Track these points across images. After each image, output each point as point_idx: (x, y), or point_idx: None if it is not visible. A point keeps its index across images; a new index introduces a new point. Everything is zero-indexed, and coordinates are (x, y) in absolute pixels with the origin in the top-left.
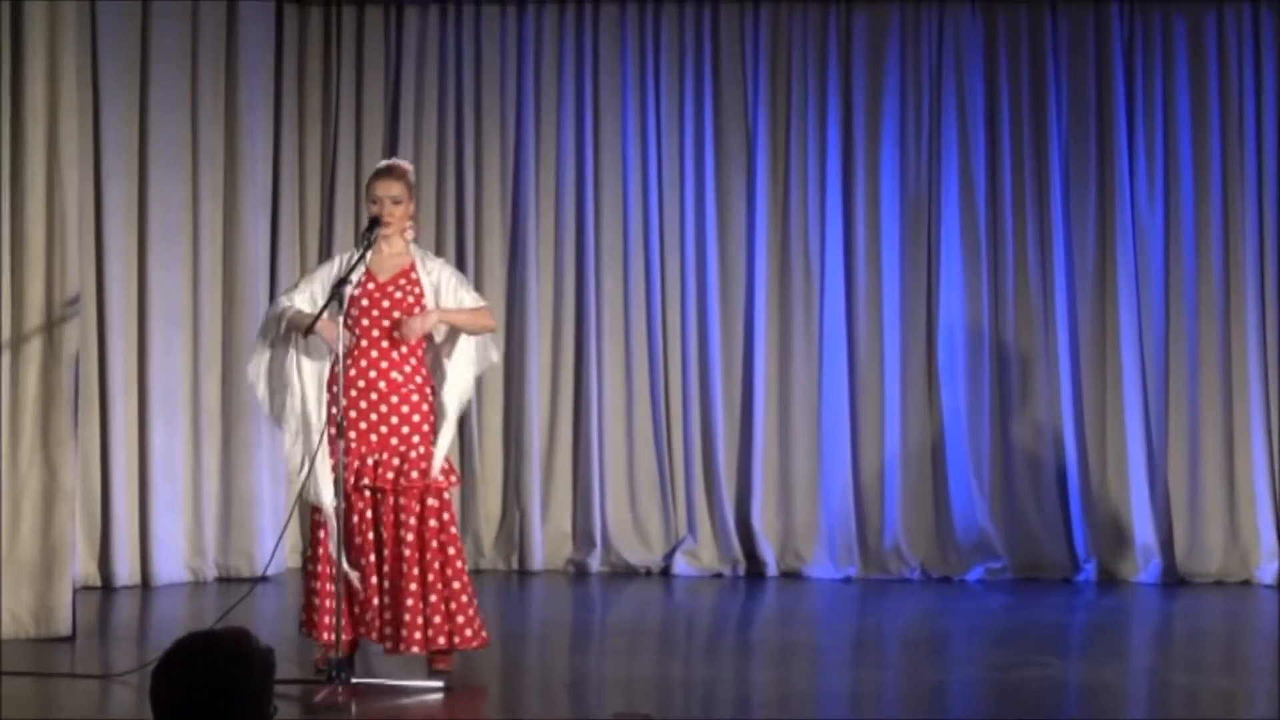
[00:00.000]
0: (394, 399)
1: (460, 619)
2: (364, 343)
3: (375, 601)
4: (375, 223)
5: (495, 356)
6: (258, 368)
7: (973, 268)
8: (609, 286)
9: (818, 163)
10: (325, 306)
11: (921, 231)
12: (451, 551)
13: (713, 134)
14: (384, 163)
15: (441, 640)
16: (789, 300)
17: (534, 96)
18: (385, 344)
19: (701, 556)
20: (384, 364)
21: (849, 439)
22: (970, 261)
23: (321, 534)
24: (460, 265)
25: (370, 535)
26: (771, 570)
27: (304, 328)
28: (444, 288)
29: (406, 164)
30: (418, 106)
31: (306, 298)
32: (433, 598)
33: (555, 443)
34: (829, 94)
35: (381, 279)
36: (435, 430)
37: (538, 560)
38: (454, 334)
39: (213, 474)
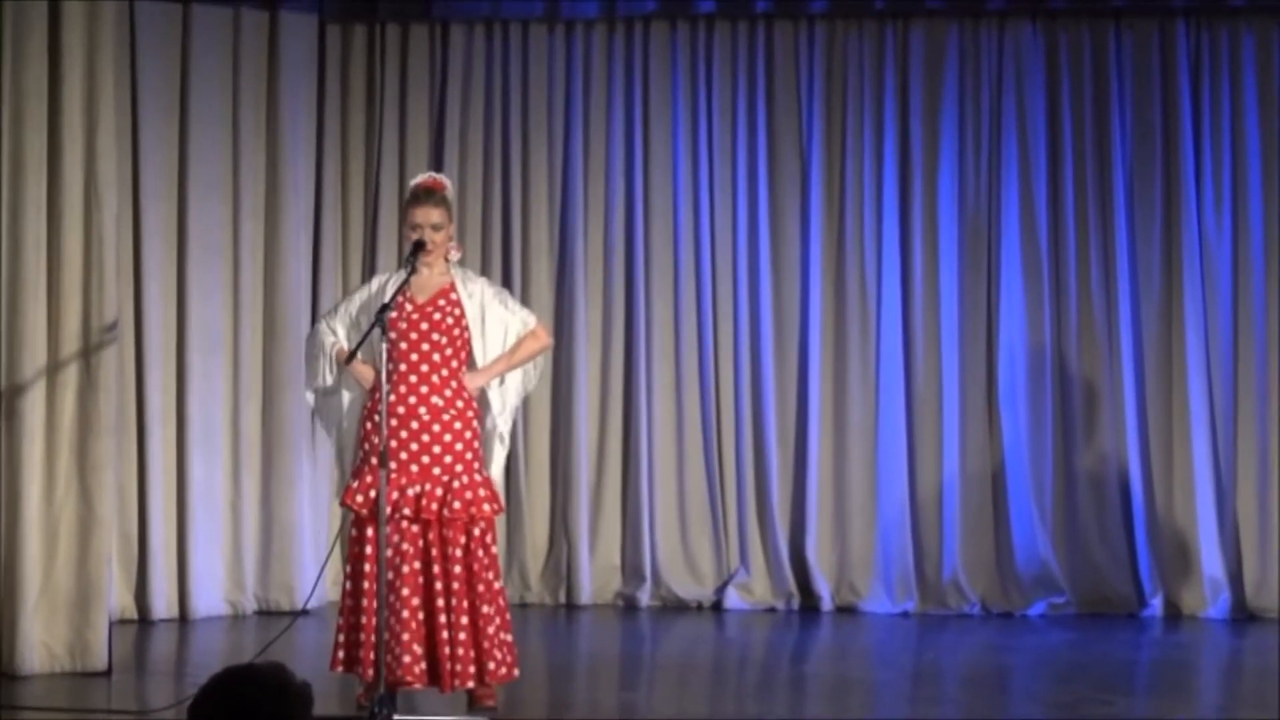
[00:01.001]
0: (435, 427)
1: (499, 653)
2: (402, 366)
3: (409, 638)
4: (419, 247)
5: (544, 363)
6: (321, 410)
7: (1034, 290)
8: (659, 310)
9: (874, 183)
10: (364, 339)
11: (981, 253)
12: (497, 586)
13: (766, 153)
14: (420, 182)
15: (488, 674)
16: (844, 324)
17: (582, 116)
18: (425, 368)
19: (754, 590)
20: (424, 389)
21: (906, 467)
22: (1031, 284)
23: (365, 566)
24: (507, 286)
25: (406, 570)
26: (826, 604)
27: (346, 366)
28: (489, 308)
29: (444, 180)
30: (463, 126)
31: (344, 320)
32: (485, 630)
33: (604, 472)
34: (885, 113)
35: (420, 300)
36: (480, 458)
37: (585, 594)
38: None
39: (253, 505)
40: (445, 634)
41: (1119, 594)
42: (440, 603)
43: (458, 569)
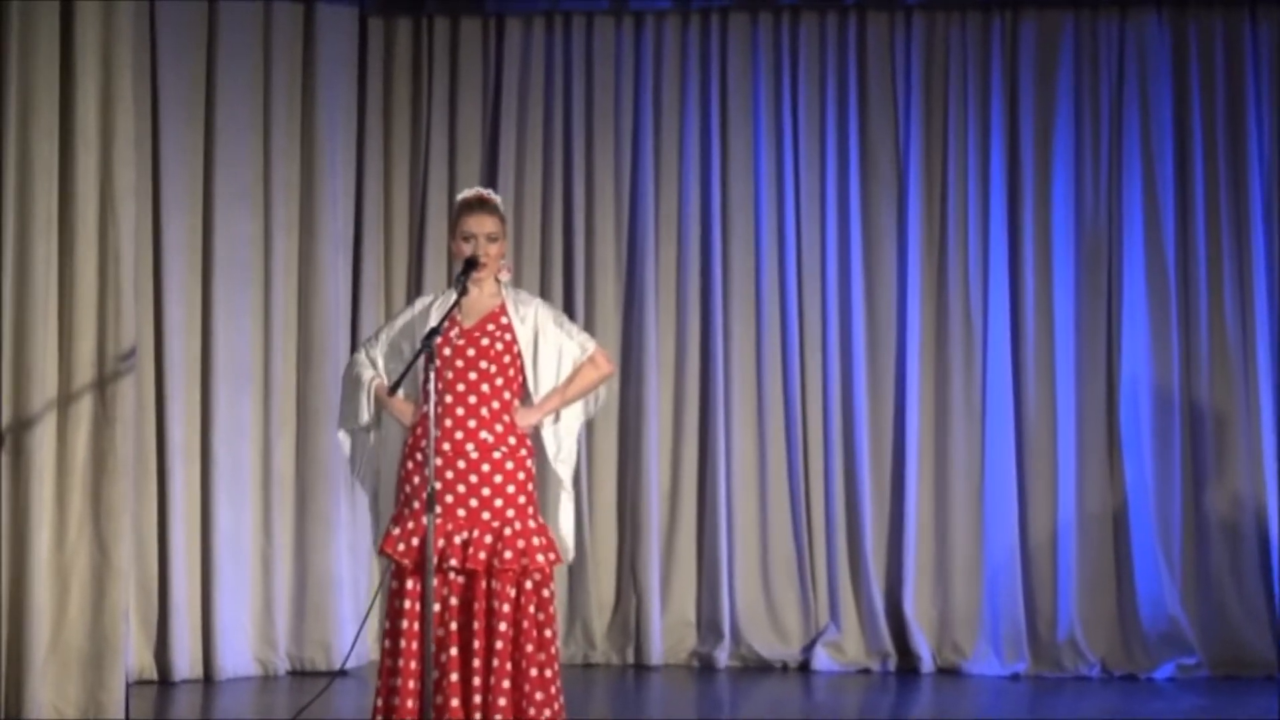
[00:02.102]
0: (485, 466)
1: (548, 713)
2: (448, 398)
3: (455, 702)
4: (471, 264)
5: (607, 391)
6: (354, 451)
7: (1160, 315)
8: (739, 336)
9: (979, 194)
10: (409, 369)
11: (1100, 273)
12: (554, 649)
13: (858, 161)
14: (470, 193)
15: None
16: (946, 352)
17: (653, 118)
18: (473, 399)
19: (846, 649)
20: (471, 423)
21: (1016, 513)
22: (1157, 308)
23: (405, 623)
24: (569, 310)
25: (454, 626)
26: (927, 665)
27: (385, 402)
28: (543, 332)
29: (495, 195)
30: (520, 130)
31: (384, 348)
32: (531, 695)
33: (677, 518)
34: (992, 115)
35: (467, 324)
36: (535, 502)
37: (657, 653)
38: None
39: (285, 553)
40: (479, 698)
41: (1256, 654)
42: (478, 663)
43: (503, 626)
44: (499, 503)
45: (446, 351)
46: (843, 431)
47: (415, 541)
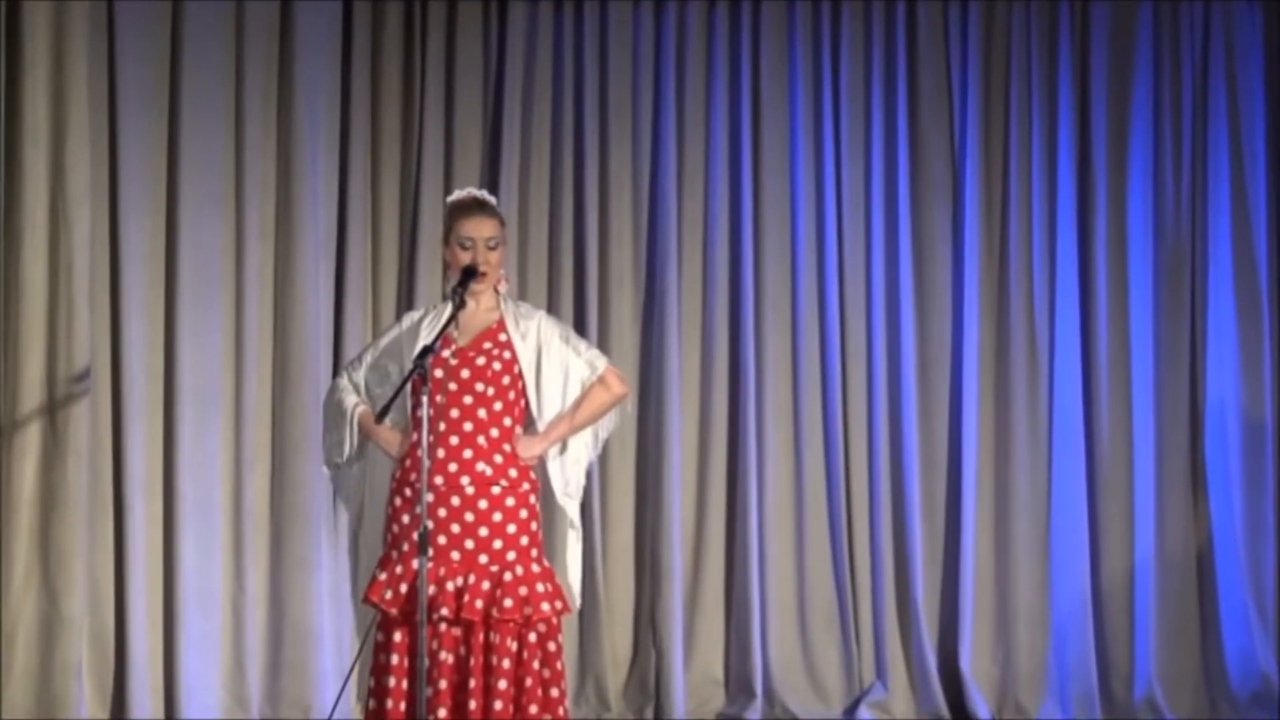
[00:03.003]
0: (482, 503)
1: None
2: (440, 426)
3: None
4: (469, 274)
5: (621, 415)
6: (339, 488)
7: (1251, 334)
8: (773, 354)
9: (1045, 197)
10: (397, 394)
11: (1182, 287)
12: (562, 711)
13: (908, 158)
14: (464, 194)
15: None
16: (1008, 374)
17: (675, 110)
18: (468, 427)
19: (893, 709)
20: (467, 453)
21: (1087, 556)
22: (1247, 326)
23: (392, 680)
24: (579, 325)
25: (443, 685)
26: None
27: (370, 432)
28: (547, 349)
29: (491, 197)
30: (525, 122)
31: (368, 372)
32: None
33: (703, 560)
34: (1060, 109)
35: (462, 342)
36: (540, 543)
37: (679, 712)
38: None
39: (259, 600)
40: None
41: None
42: None
43: (503, 684)
44: (498, 544)
45: (439, 373)
46: (890, 463)
47: (404, 588)
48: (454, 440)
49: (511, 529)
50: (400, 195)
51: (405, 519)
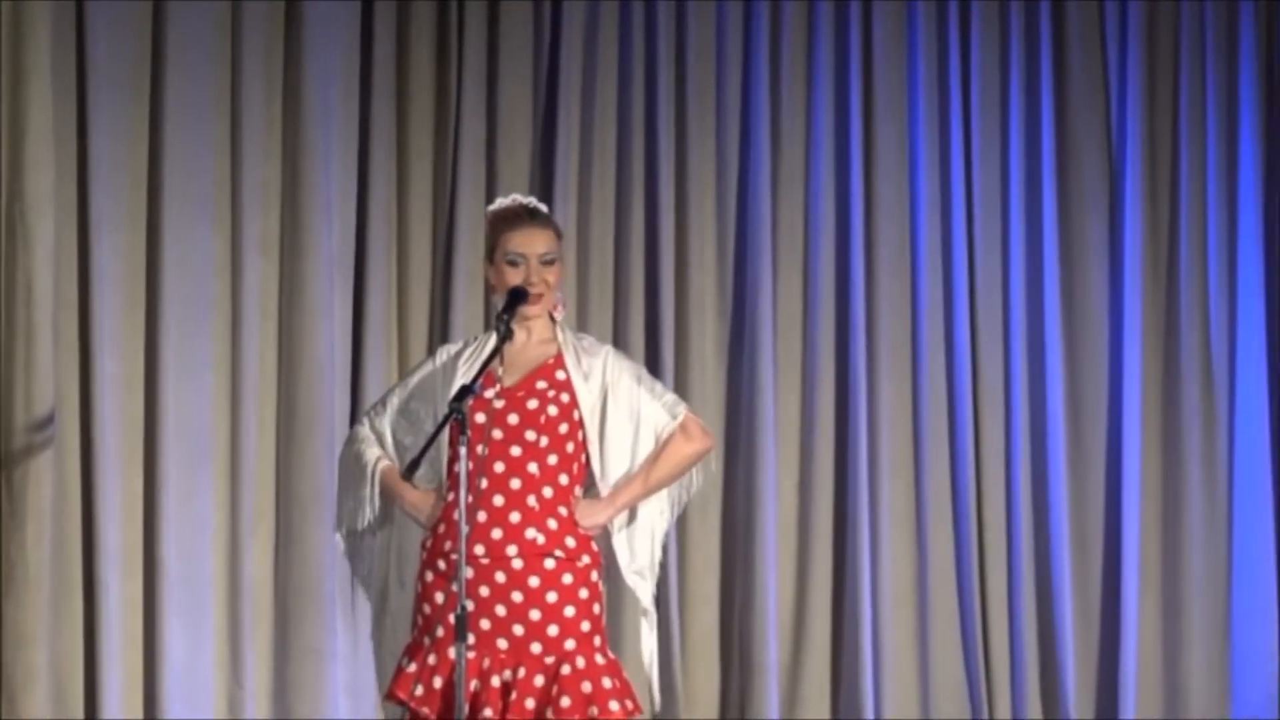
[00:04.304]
0: (533, 580)
1: None
2: (482, 483)
3: None
4: (519, 297)
5: (704, 473)
6: (357, 561)
7: None
8: (890, 397)
9: (1223, 205)
10: (430, 444)
11: None
12: None
13: (1054, 162)
14: (511, 202)
15: None
16: (1178, 411)
17: (769, 104)
18: (516, 484)
19: None
20: (514, 517)
21: (1278, 627)
22: None
23: None
24: (652, 362)
25: None
26: None
27: (396, 493)
28: (615, 394)
29: (541, 205)
30: (585, 117)
31: (393, 416)
32: None
33: (804, 650)
34: (1241, 101)
35: (510, 382)
36: (603, 629)
37: None
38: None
39: (260, 697)
40: None
41: None
42: None
43: None
44: (553, 630)
45: (480, 418)
46: (1033, 531)
47: (438, 683)
48: (498, 501)
49: (569, 612)
50: (433, 203)
51: (439, 598)
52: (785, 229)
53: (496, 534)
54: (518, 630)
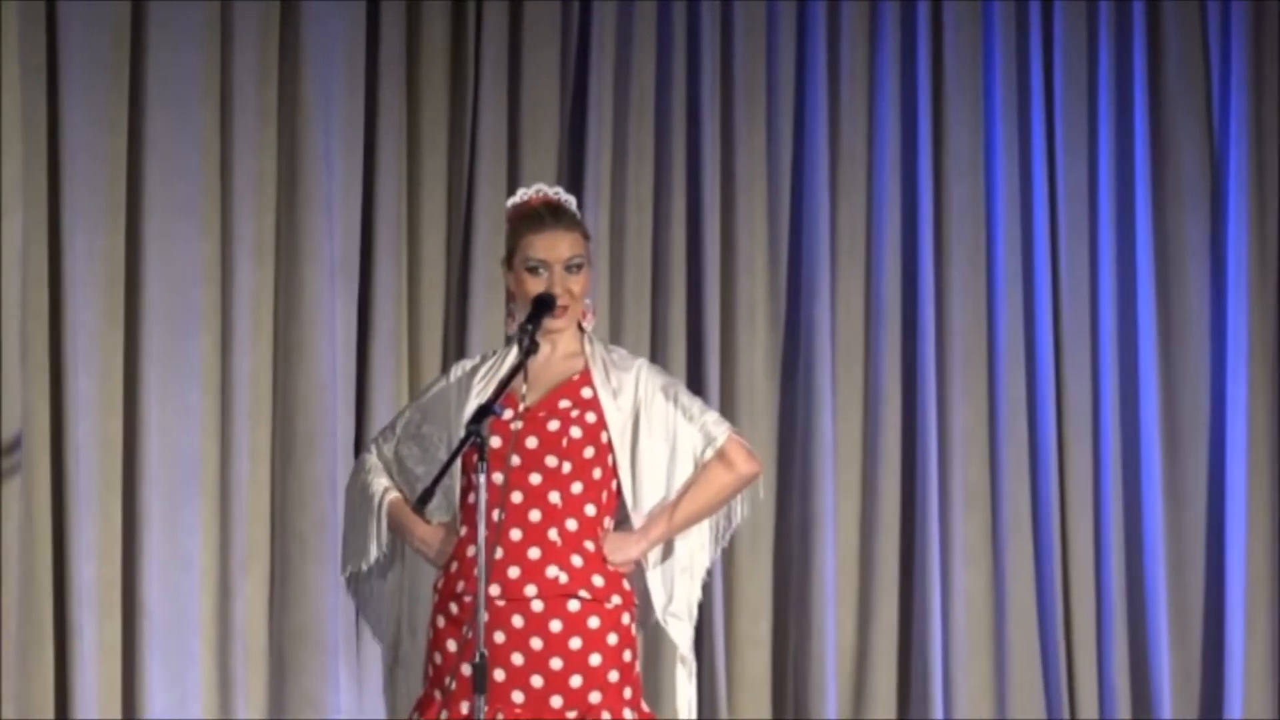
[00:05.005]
0: (555, 625)
1: None
2: (498, 515)
3: None
4: (544, 306)
5: (751, 502)
6: (365, 605)
7: None
8: (963, 418)
9: None
10: (442, 474)
11: None
12: None
13: (1148, 152)
14: (534, 194)
15: None
16: None
17: (826, 95)
18: (536, 516)
19: None
20: (533, 553)
21: None
22: None
23: None
24: (694, 377)
25: None
26: None
27: (405, 528)
28: (648, 413)
29: (567, 197)
30: (619, 102)
31: (402, 444)
32: None
33: (866, 695)
34: None
35: (531, 401)
36: (636, 680)
37: None
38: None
39: None
40: None
41: None
42: None
43: None
44: (577, 681)
45: (496, 441)
46: (1124, 573)
47: None
48: (515, 535)
49: (595, 660)
50: (448, 201)
51: (451, 646)
52: (845, 228)
53: (514, 572)
54: (536, 682)
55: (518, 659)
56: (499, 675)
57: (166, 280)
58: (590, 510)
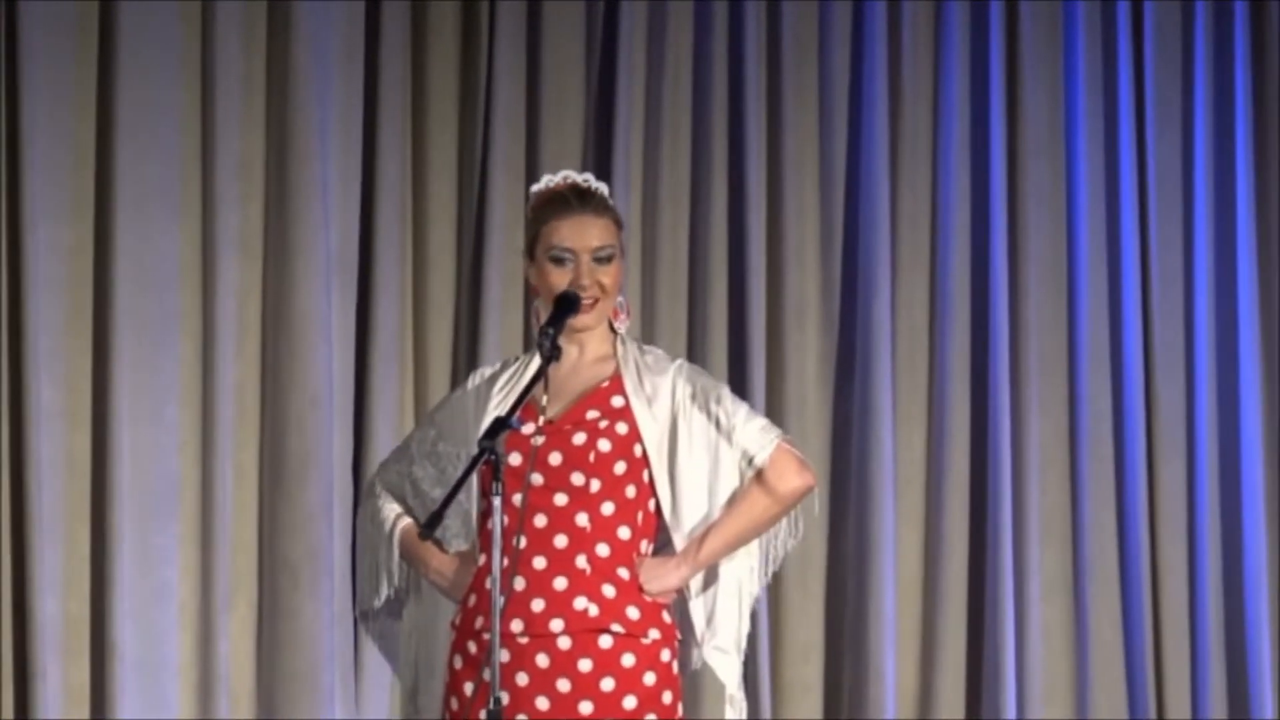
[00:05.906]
0: (584, 663)
1: None
2: (521, 541)
3: None
4: (568, 305)
5: (804, 520)
6: (384, 645)
7: None
8: (1039, 430)
9: None
10: (453, 494)
11: None
12: None
13: (1249, 139)
14: (560, 180)
15: None
16: None
17: (886, 70)
18: (562, 541)
19: None
20: (560, 583)
21: None
22: None
23: None
24: (738, 382)
25: None
26: None
27: (419, 558)
28: (685, 422)
29: (600, 184)
30: (652, 80)
31: (414, 465)
32: None
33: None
34: None
35: (554, 413)
36: None
37: None
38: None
39: None
40: None
41: None
42: None
43: None
44: None
45: (515, 459)
46: (1223, 594)
47: None
48: (539, 563)
49: (630, 704)
50: (458, 189)
51: (468, 689)
52: (906, 219)
53: (538, 606)
54: None
55: (543, 703)
56: None
57: (140, 279)
58: (624, 533)
